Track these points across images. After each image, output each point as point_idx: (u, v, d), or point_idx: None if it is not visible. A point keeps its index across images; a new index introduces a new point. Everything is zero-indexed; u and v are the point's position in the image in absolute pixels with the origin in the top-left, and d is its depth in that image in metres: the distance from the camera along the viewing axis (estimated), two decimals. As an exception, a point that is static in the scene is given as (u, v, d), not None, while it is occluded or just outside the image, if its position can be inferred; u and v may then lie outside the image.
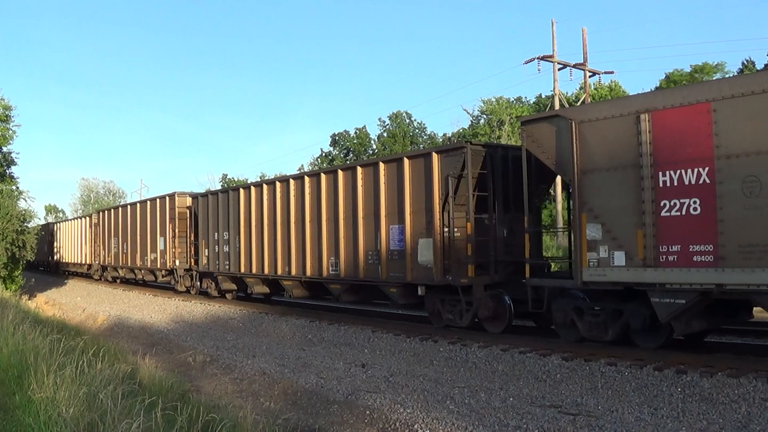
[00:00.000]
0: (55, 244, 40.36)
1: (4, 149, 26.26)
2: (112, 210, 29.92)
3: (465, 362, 10.32)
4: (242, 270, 18.06)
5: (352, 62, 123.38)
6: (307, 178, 15.71)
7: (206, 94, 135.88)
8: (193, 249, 21.86)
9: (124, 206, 28.41)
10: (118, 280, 29.50)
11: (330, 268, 14.69)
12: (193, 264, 21.76)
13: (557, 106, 30.02)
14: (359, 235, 13.75)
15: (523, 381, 9.09)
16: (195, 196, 21.86)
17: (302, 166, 61.91)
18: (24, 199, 27.13)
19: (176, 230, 22.44)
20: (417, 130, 56.12)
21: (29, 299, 24.23)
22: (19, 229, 24.43)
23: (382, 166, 13.28)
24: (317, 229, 15.14)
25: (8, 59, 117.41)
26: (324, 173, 15.18)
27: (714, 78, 42.20)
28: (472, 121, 50.11)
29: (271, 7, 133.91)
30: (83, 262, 34.10)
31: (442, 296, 12.24)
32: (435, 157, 12.05)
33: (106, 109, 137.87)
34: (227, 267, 18.96)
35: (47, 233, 41.55)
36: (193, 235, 21.88)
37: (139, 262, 25.67)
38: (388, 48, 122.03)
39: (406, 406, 7.77)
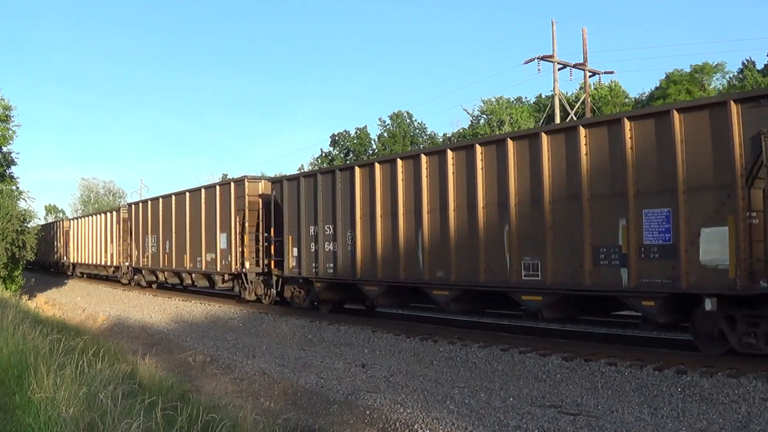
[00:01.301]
0: (70, 243, 37.14)
1: (4, 149, 26.25)
2: (150, 202, 25.14)
3: (465, 362, 10.32)
4: (358, 274, 13.91)
5: (352, 62, 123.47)
6: (480, 148, 11.05)
7: (206, 94, 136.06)
8: (272, 248, 17.28)
9: (167, 197, 23.47)
10: (155, 286, 25.53)
11: (523, 272, 10.49)
12: (273, 267, 17.21)
13: (557, 106, 30.03)
14: (584, 224, 9.63)
15: (523, 381, 9.09)
16: (277, 180, 17.53)
17: (302, 166, 61.99)
18: (24, 199, 27.16)
19: (246, 224, 18.03)
20: (417, 130, 56.14)
21: (29, 299, 24.23)
22: (19, 229, 24.45)
23: (627, 123, 9.23)
24: (499, 215, 10.84)
25: (8, 59, 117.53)
26: (513, 139, 10.64)
27: (714, 77, 42.22)
28: (472, 121, 50.15)
29: (271, 7, 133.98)
30: (107, 263, 30.17)
31: (735, 311, 8.57)
32: (734, 108, 8.22)
33: (106, 109, 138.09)
34: (331, 270, 14.83)
35: (59, 231, 39.57)
36: (273, 230, 17.22)
37: (188, 265, 21.20)
38: (388, 48, 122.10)
39: (406, 406, 7.77)
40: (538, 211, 10.25)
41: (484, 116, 48.64)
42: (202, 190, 20.70)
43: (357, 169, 14.07)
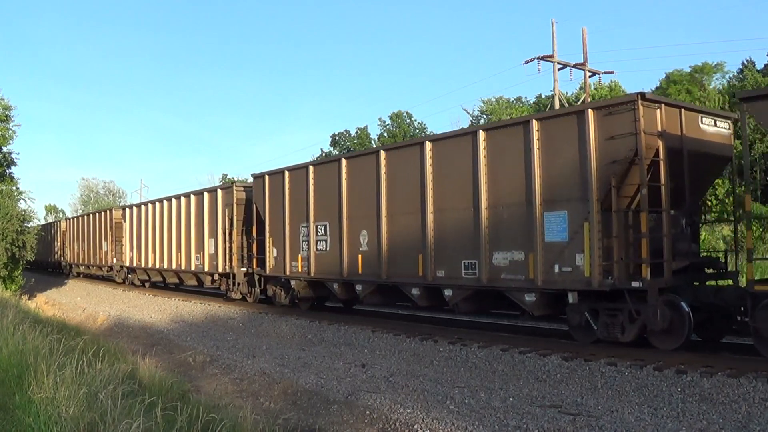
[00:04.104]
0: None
1: (4, 149, 26.24)
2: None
3: (465, 362, 10.32)
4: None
5: (352, 62, 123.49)
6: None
7: (206, 94, 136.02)
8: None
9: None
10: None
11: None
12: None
13: (557, 106, 30.00)
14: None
15: (523, 381, 9.09)
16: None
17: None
18: (24, 199, 27.15)
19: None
20: (417, 130, 56.16)
21: (29, 299, 24.25)
22: (19, 229, 24.46)
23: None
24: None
25: (8, 59, 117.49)
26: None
27: (714, 77, 42.21)
28: (472, 121, 50.14)
29: (271, 7, 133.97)
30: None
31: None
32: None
33: (106, 109, 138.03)
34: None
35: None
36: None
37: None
38: (388, 48, 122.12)
39: (406, 406, 7.77)
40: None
41: (484, 116, 48.66)
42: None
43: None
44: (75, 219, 37.17)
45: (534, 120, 10.47)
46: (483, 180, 11.15)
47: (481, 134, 11.27)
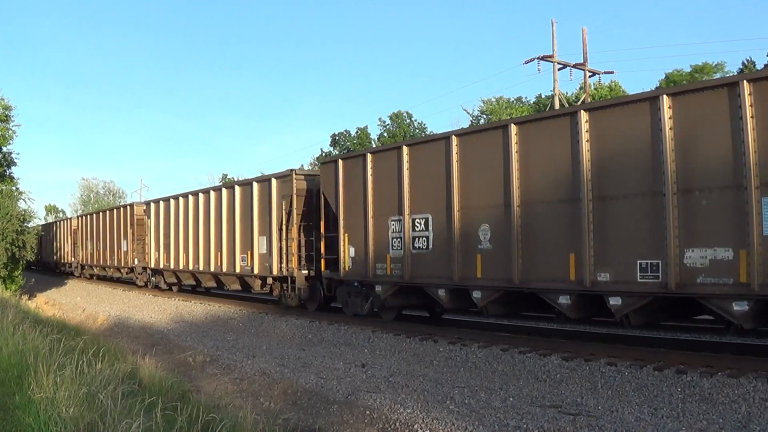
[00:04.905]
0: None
1: (4, 149, 26.29)
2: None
3: (465, 362, 10.32)
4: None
5: (352, 62, 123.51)
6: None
7: (206, 94, 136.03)
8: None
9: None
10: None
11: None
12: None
13: (557, 106, 30.00)
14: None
15: (523, 381, 9.09)
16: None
17: (302, 166, 61.97)
18: (24, 199, 27.18)
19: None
20: (417, 130, 56.16)
21: (29, 299, 24.24)
22: (19, 229, 24.46)
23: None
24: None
25: (8, 59, 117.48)
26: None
27: (714, 77, 42.24)
28: (472, 121, 50.14)
29: (271, 7, 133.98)
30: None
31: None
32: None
33: (106, 109, 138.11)
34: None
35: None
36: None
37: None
38: (388, 48, 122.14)
39: (406, 406, 7.77)
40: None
41: (484, 116, 48.66)
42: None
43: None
44: (88, 216, 33.98)
45: (745, 81, 8.08)
46: (669, 157, 8.62)
47: (665, 100, 8.70)
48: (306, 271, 15.65)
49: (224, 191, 19.39)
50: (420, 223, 12.26)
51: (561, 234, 9.90)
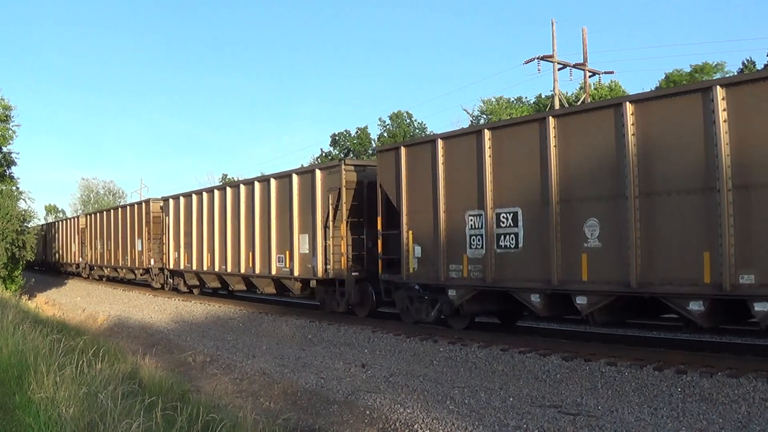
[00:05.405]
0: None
1: (4, 149, 26.37)
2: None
3: (465, 362, 10.32)
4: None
5: (352, 62, 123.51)
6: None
7: (206, 94, 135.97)
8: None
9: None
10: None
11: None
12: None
13: (557, 106, 30.01)
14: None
15: (523, 381, 9.09)
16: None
17: (302, 165, 62.01)
18: (24, 199, 27.20)
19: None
20: (417, 130, 56.19)
21: (29, 299, 24.25)
22: (19, 229, 24.48)
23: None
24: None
25: (9, 60, 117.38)
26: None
27: (714, 77, 42.20)
28: (472, 121, 50.15)
29: (271, 7, 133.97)
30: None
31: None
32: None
33: (106, 110, 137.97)
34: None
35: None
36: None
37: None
38: (388, 48, 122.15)
39: (406, 406, 7.77)
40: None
41: (484, 116, 48.66)
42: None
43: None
44: (98, 214, 32.09)
45: None
46: None
47: None
48: (356, 273, 14.18)
49: (257, 185, 17.54)
50: (506, 218, 10.72)
51: (692, 229, 8.50)
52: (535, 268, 10.27)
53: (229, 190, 19.06)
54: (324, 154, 58.50)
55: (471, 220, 11.28)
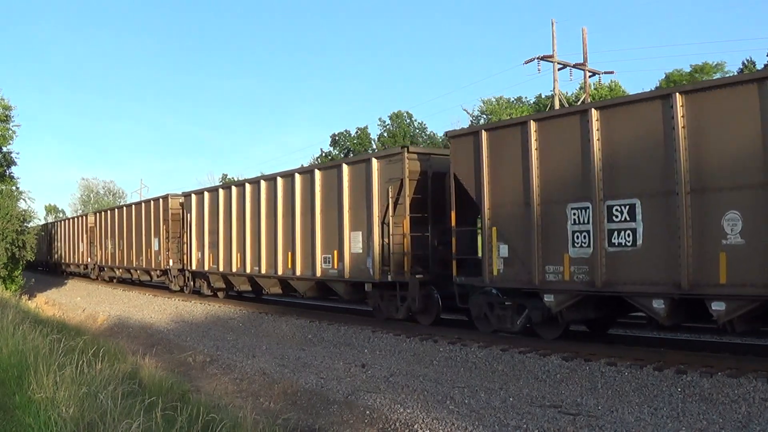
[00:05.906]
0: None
1: (4, 149, 26.38)
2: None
3: (465, 362, 10.32)
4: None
5: (352, 62, 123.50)
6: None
7: (206, 94, 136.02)
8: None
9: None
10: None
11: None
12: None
13: (557, 106, 30.01)
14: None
15: (523, 381, 9.09)
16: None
17: (302, 165, 62.00)
18: (24, 199, 27.21)
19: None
20: (417, 130, 56.23)
21: (29, 299, 24.25)
22: (19, 229, 24.48)
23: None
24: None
25: (9, 60, 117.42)
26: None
27: (715, 77, 42.23)
28: (472, 121, 50.16)
29: (271, 7, 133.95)
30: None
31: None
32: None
33: (107, 110, 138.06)
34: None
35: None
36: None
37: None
38: (388, 48, 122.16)
39: (406, 406, 7.77)
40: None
41: (484, 116, 48.67)
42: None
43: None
44: (109, 212, 30.42)
45: None
46: None
47: None
48: (420, 275, 12.67)
49: (297, 177, 15.84)
50: (621, 212, 9.28)
51: None
52: (658, 269, 8.87)
53: (263, 183, 17.25)
54: (324, 154, 58.53)
55: (574, 213, 9.83)
